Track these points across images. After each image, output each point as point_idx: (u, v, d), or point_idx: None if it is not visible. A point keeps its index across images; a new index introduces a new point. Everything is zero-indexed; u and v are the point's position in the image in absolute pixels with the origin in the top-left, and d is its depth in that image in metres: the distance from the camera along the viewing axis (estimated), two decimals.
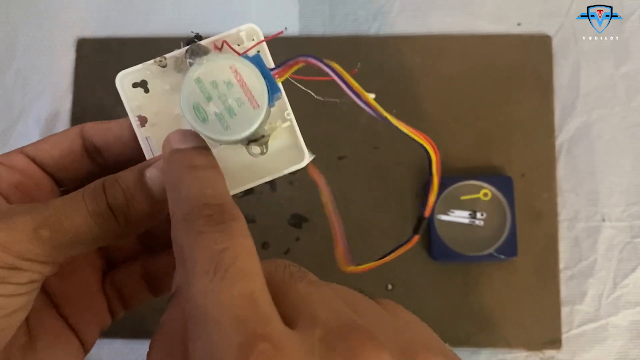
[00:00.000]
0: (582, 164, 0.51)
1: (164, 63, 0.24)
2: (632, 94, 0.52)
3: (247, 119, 0.21)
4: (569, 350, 0.49)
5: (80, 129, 0.25)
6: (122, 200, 0.21)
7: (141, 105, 0.25)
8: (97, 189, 0.21)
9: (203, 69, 0.21)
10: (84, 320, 0.25)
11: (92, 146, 0.25)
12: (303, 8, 0.54)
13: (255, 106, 0.21)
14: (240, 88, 0.21)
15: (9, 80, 0.55)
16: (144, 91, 0.24)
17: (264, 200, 0.52)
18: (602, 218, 0.50)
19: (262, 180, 0.24)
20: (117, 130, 0.25)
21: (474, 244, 0.49)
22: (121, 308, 0.26)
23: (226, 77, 0.21)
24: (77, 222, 0.20)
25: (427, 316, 0.54)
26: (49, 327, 0.24)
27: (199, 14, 0.55)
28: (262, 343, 0.15)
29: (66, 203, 0.21)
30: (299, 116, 0.26)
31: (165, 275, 0.26)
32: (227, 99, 0.21)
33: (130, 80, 0.24)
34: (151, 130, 0.25)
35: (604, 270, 0.50)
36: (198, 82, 0.21)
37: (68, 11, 0.56)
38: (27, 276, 0.20)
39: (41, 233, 0.20)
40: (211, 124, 0.21)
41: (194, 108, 0.21)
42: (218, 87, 0.21)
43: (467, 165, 0.51)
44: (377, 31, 0.54)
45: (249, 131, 0.21)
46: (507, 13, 0.53)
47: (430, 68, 0.52)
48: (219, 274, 0.16)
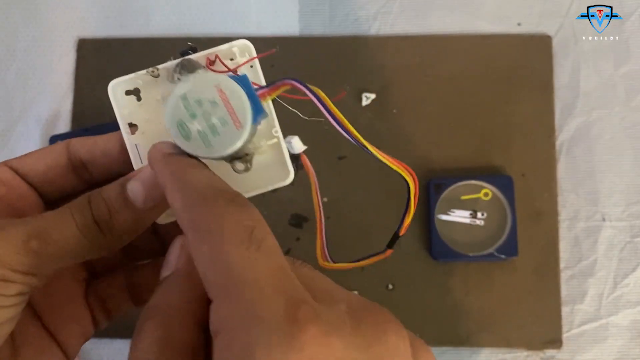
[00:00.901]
0: (582, 164, 0.51)
1: (156, 73, 0.24)
2: (632, 94, 0.52)
3: (230, 138, 0.21)
4: (570, 350, 0.49)
5: (66, 144, 0.26)
6: (106, 213, 0.22)
7: (132, 113, 0.25)
8: (83, 202, 0.22)
9: (189, 87, 0.21)
10: (67, 331, 0.25)
11: (78, 161, 0.25)
12: (303, 8, 0.54)
13: (238, 126, 0.21)
14: (224, 107, 0.21)
15: (10, 81, 0.55)
16: (137, 99, 0.25)
17: (264, 200, 0.52)
18: (602, 218, 0.50)
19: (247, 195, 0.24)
20: (103, 145, 0.25)
21: (475, 244, 0.49)
22: (104, 318, 0.26)
23: (211, 96, 0.21)
24: (65, 234, 0.21)
25: (428, 316, 0.55)
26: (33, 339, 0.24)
27: (199, 14, 0.55)
28: (304, 305, 0.16)
29: (55, 216, 0.21)
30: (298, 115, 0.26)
31: (147, 286, 0.26)
32: (211, 117, 0.21)
33: (123, 88, 0.25)
34: (141, 137, 0.25)
35: (604, 269, 0.50)
36: (183, 99, 0.21)
37: (68, 11, 0.56)
38: (15, 288, 0.20)
39: (31, 245, 0.20)
40: (194, 141, 0.21)
41: (178, 125, 0.21)
42: (202, 106, 0.21)
43: (467, 165, 0.51)
44: (377, 31, 0.54)
45: (231, 150, 0.22)
46: (507, 13, 0.53)
47: (430, 68, 0.52)
48: (254, 245, 0.17)
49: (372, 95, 0.52)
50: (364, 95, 0.52)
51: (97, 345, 0.51)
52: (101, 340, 0.51)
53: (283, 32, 0.54)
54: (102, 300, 0.26)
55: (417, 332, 0.57)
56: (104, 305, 0.26)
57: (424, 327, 0.49)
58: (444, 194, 0.49)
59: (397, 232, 0.27)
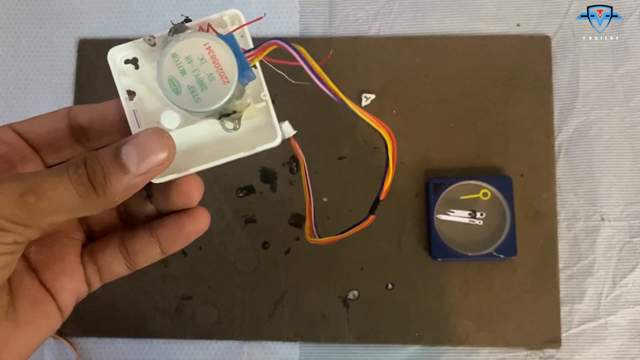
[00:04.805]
0: (581, 164, 0.51)
1: (153, 42, 0.25)
2: (630, 94, 0.52)
3: (218, 93, 0.23)
4: (569, 350, 0.49)
5: (67, 109, 0.27)
6: (100, 174, 0.23)
7: (131, 80, 0.26)
8: (79, 163, 0.23)
9: (179, 45, 0.23)
10: (61, 286, 0.26)
11: (78, 127, 0.27)
12: (303, 9, 0.55)
13: (225, 81, 0.23)
14: (212, 64, 0.23)
15: (11, 81, 0.55)
16: (135, 67, 0.26)
17: (264, 200, 0.52)
18: (601, 218, 0.51)
19: (237, 156, 0.25)
20: (102, 110, 0.27)
21: (474, 244, 0.49)
22: (97, 279, 0.28)
23: (200, 53, 0.23)
24: (60, 191, 0.22)
25: (427, 315, 0.55)
26: (29, 291, 0.25)
27: (199, 14, 0.55)
28: None
29: (51, 174, 0.23)
30: (299, 116, 0.26)
31: (141, 251, 0.27)
32: (199, 73, 0.23)
33: (122, 57, 0.26)
34: (139, 104, 0.26)
35: (603, 269, 0.50)
36: (174, 57, 0.23)
37: (69, 12, 0.56)
38: (11, 237, 0.22)
39: (27, 199, 0.22)
40: (184, 96, 0.23)
41: (169, 80, 0.23)
42: (192, 62, 0.23)
43: (466, 165, 0.51)
44: (377, 32, 0.54)
45: (219, 104, 0.23)
46: (506, 14, 0.54)
47: (430, 69, 0.53)
48: None
49: (372, 95, 0.52)
50: (364, 95, 0.52)
51: (97, 345, 0.51)
52: (101, 340, 0.51)
53: (283, 33, 0.54)
54: (96, 261, 0.28)
55: (417, 332, 0.57)
56: (98, 266, 0.28)
57: (423, 327, 0.49)
58: (443, 194, 0.49)
59: (377, 197, 0.28)
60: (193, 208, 0.27)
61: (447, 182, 0.49)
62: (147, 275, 0.50)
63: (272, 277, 0.51)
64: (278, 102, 0.52)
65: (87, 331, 0.51)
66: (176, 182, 0.26)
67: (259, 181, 0.52)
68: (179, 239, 0.27)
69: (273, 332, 0.50)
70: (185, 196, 0.27)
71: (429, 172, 0.51)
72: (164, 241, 0.27)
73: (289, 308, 0.50)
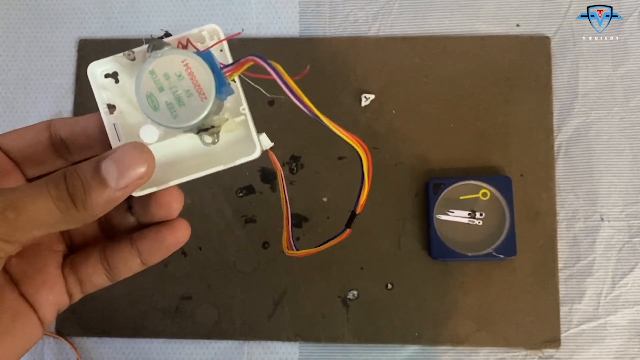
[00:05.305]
0: (580, 164, 0.51)
1: (132, 57, 0.25)
2: (630, 95, 0.52)
3: (195, 109, 0.23)
4: (568, 350, 0.49)
5: (48, 122, 0.27)
6: (80, 189, 0.23)
7: (111, 94, 0.26)
8: (59, 177, 0.23)
9: (157, 62, 0.23)
10: (42, 298, 0.26)
11: (59, 139, 0.27)
12: (303, 9, 0.55)
13: (203, 98, 0.23)
14: (189, 80, 0.23)
15: (11, 81, 0.55)
16: (115, 82, 0.26)
17: (264, 200, 0.52)
18: (601, 218, 0.51)
19: (216, 169, 0.25)
20: (83, 123, 0.27)
21: (473, 244, 0.49)
22: (78, 290, 0.28)
23: (177, 70, 0.23)
24: (39, 206, 0.22)
25: (426, 315, 0.55)
26: (10, 303, 0.25)
27: (199, 14, 0.55)
28: None
29: (31, 189, 0.23)
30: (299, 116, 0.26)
31: (121, 262, 0.27)
32: (177, 89, 0.23)
33: (102, 71, 0.26)
34: (119, 117, 0.26)
35: (602, 269, 0.50)
36: (152, 73, 0.23)
37: (70, 12, 0.56)
38: None
39: (7, 214, 0.22)
40: (162, 112, 0.23)
41: (147, 97, 0.23)
42: (170, 79, 0.23)
43: (466, 165, 0.51)
44: (376, 32, 0.54)
45: (196, 120, 0.23)
46: (506, 14, 0.54)
47: (429, 69, 0.53)
48: None
49: (372, 95, 0.52)
50: (364, 95, 0.52)
51: (97, 345, 0.51)
52: (102, 339, 0.51)
53: (283, 33, 0.54)
54: (77, 273, 0.27)
55: (416, 331, 0.57)
56: (79, 277, 0.27)
57: (422, 327, 0.50)
58: (443, 194, 0.49)
59: (353, 211, 0.28)
60: (173, 220, 0.27)
61: (447, 182, 0.49)
62: (147, 275, 0.50)
63: (272, 277, 0.51)
64: (278, 103, 0.52)
65: (87, 331, 0.51)
66: (156, 195, 0.26)
67: (259, 181, 0.52)
68: (159, 250, 0.27)
69: (273, 332, 0.50)
70: (165, 208, 0.27)
71: (429, 172, 0.51)
72: (145, 253, 0.27)
73: (289, 308, 0.50)
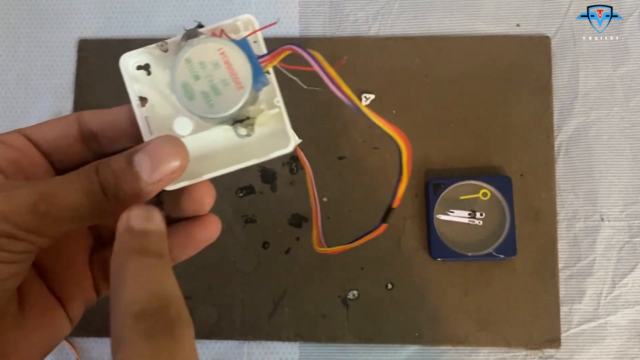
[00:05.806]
0: (580, 164, 0.51)
1: (165, 47, 0.25)
2: (630, 95, 0.52)
3: (231, 98, 0.23)
4: (568, 350, 0.49)
5: (78, 115, 0.26)
6: (113, 181, 0.22)
7: (143, 86, 0.26)
8: (91, 170, 0.22)
9: (193, 50, 0.23)
10: (70, 294, 0.26)
11: (88, 132, 0.26)
12: (303, 9, 0.55)
13: (239, 87, 0.23)
14: (226, 69, 0.23)
15: (11, 81, 0.55)
16: (147, 74, 0.26)
17: (264, 200, 0.52)
18: (601, 218, 0.51)
19: (250, 162, 0.25)
20: (112, 116, 0.26)
21: (474, 244, 0.49)
22: (106, 286, 0.27)
23: (214, 59, 0.23)
24: (72, 199, 0.22)
25: (427, 315, 0.55)
26: (38, 298, 0.25)
27: (199, 14, 0.55)
28: None
29: (63, 181, 0.22)
30: (299, 116, 0.26)
31: None
32: (213, 79, 0.22)
33: (134, 63, 0.26)
34: (151, 110, 0.25)
35: (602, 269, 0.50)
36: (188, 62, 0.23)
37: (69, 12, 0.56)
38: (23, 246, 0.22)
39: (39, 207, 0.21)
40: (197, 102, 0.22)
41: (183, 86, 0.23)
42: (206, 68, 0.23)
43: (466, 166, 0.51)
44: (376, 32, 0.54)
45: (233, 110, 0.23)
46: (506, 14, 0.54)
47: (429, 69, 0.53)
48: None
49: (372, 95, 0.52)
50: (364, 95, 0.52)
51: (97, 345, 0.51)
52: (102, 339, 0.51)
53: (283, 33, 0.54)
54: (105, 268, 0.27)
55: (416, 332, 0.57)
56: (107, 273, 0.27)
57: (423, 327, 0.50)
58: (443, 194, 0.49)
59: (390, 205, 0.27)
60: (204, 215, 0.27)
61: (447, 182, 0.49)
62: None
63: (272, 277, 0.51)
64: None
65: (87, 331, 0.51)
66: (188, 189, 0.26)
67: (259, 181, 0.52)
68: (189, 246, 0.27)
69: (273, 332, 0.50)
70: (196, 203, 0.26)
71: (429, 172, 0.51)
72: (174, 249, 0.26)
73: (289, 308, 0.50)
